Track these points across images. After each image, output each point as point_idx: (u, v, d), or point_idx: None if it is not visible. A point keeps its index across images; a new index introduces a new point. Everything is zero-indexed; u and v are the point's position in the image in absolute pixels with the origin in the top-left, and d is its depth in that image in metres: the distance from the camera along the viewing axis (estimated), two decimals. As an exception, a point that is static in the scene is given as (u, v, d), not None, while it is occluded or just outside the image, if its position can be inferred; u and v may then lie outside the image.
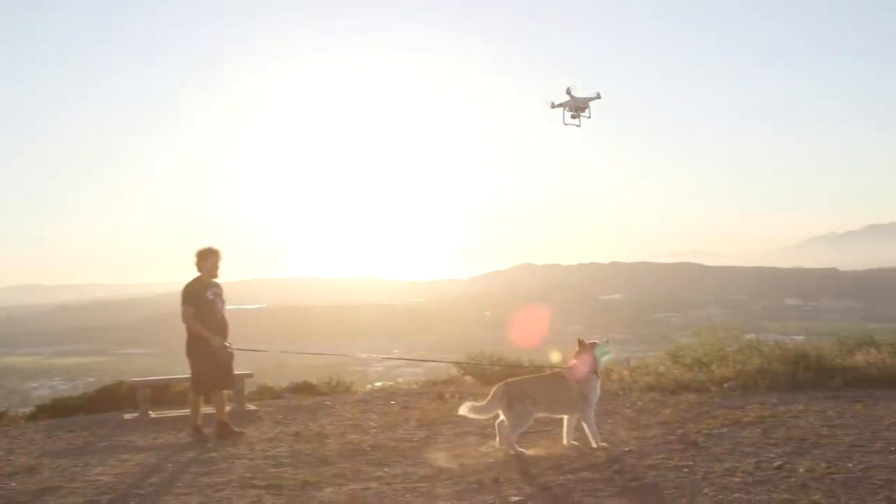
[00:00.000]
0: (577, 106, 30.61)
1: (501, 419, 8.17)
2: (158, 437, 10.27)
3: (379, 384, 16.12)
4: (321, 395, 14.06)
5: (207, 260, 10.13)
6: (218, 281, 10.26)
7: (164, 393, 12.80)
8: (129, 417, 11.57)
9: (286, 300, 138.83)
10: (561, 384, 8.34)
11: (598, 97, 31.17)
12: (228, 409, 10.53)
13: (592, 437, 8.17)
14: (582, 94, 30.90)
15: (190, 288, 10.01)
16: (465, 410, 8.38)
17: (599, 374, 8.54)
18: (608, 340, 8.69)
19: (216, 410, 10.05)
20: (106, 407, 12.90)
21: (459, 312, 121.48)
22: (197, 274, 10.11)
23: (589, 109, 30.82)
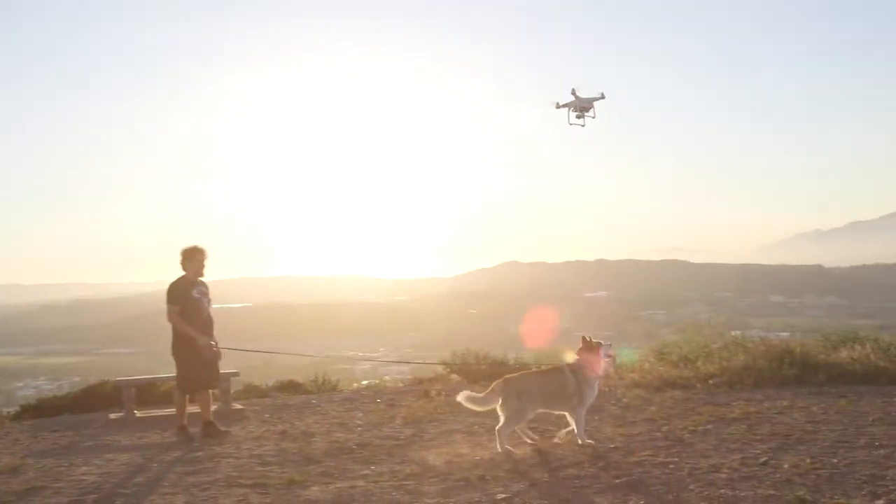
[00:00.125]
0: (581, 106, 30.97)
1: (501, 423, 8.10)
2: (144, 436, 10.23)
3: (365, 382, 16.12)
4: (307, 393, 14.07)
5: (193, 259, 10.09)
6: (204, 280, 10.22)
7: (149, 392, 12.78)
8: (114, 417, 11.53)
9: (272, 299, 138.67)
10: (560, 380, 8.28)
11: (602, 97, 31.53)
12: (214, 408, 10.52)
13: (579, 434, 8.18)
14: (586, 94, 31.28)
15: (175, 286, 9.97)
16: (462, 398, 8.32)
17: (600, 374, 8.57)
18: (611, 344, 8.69)
19: (202, 409, 10.02)
20: (91, 406, 12.86)
21: (445, 310, 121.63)
22: (182, 273, 10.07)
23: (593, 109, 31.18)
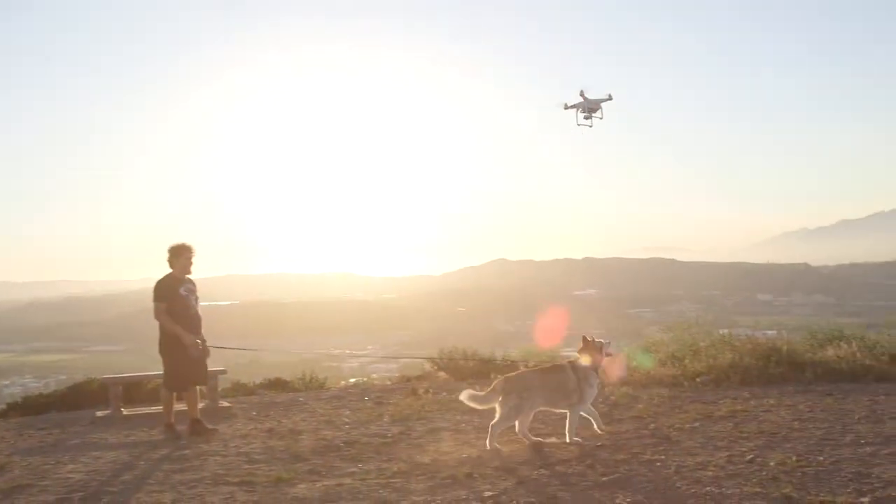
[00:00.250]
0: (589, 107, 31.18)
1: (496, 419, 8.13)
2: (131, 434, 10.20)
3: (353, 380, 16.10)
4: (295, 391, 14.05)
5: (180, 256, 10.05)
6: (191, 277, 10.19)
7: (136, 390, 12.74)
8: (101, 415, 11.47)
9: (260, 296, 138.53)
10: (561, 378, 8.30)
11: (609, 99, 31.75)
12: (202, 405, 10.49)
13: (570, 431, 8.19)
14: (594, 95, 31.50)
15: (162, 284, 9.93)
16: (464, 397, 8.34)
17: (600, 373, 8.60)
18: (610, 342, 8.68)
19: (189, 407, 10.00)
20: (78, 404, 12.81)
21: (433, 308, 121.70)
22: (170, 270, 10.04)
23: (601, 110, 31.40)
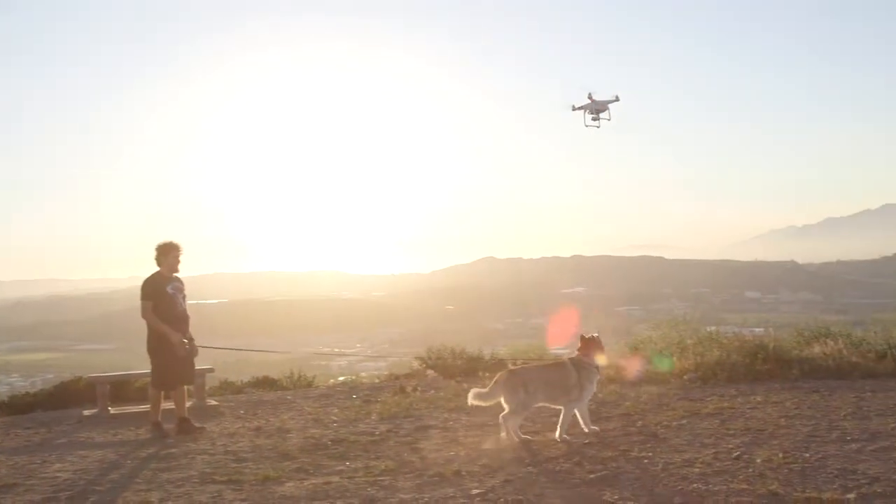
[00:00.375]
0: (597, 108, 31.37)
1: (505, 412, 8.23)
2: (118, 433, 10.17)
3: (341, 378, 16.07)
4: (283, 389, 14.02)
5: (168, 254, 10.02)
6: (179, 275, 10.16)
7: (123, 389, 12.69)
8: (88, 414, 11.44)
9: (248, 294, 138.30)
10: (563, 373, 8.40)
11: (616, 100, 31.91)
12: (189, 404, 10.46)
13: (562, 427, 8.23)
14: (602, 97, 31.69)
15: (149, 282, 9.90)
16: (471, 397, 8.43)
17: (599, 368, 8.66)
18: (598, 334, 8.79)
19: (176, 406, 9.98)
20: (64, 403, 12.76)
21: (422, 306, 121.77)
22: (157, 268, 10.01)
23: (608, 111, 31.59)
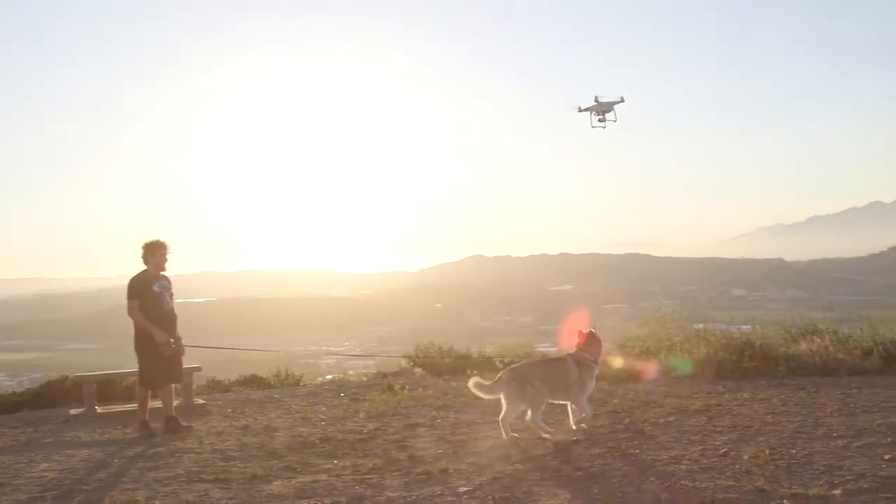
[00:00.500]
0: (603, 110, 31.59)
1: (504, 412, 8.26)
2: (105, 432, 10.14)
3: (329, 377, 16.06)
4: (270, 388, 14.00)
5: (155, 253, 9.99)
6: (166, 274, 10.13)
7: (110, 388, 12.65)
8: (74, 413, 11.39)
9: (235, 293, 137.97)
10: (563, 369, 8.48)
11: (621, 101, 32.10)
12: (176, 403, 10.44)
13: (576, 419, 8.40)
14: (607, 98, 31.91)
15: (136, 281, 9.86)
16: (471, 384, 8.47)
17: (599, 363, 8.75)
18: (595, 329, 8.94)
19: (164, 405, 9.95)
20: (51, 402, 12.71)
21: (410, 304, 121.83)
22: (144, 267, 9.98)
23: (614, 112, 31.80)
